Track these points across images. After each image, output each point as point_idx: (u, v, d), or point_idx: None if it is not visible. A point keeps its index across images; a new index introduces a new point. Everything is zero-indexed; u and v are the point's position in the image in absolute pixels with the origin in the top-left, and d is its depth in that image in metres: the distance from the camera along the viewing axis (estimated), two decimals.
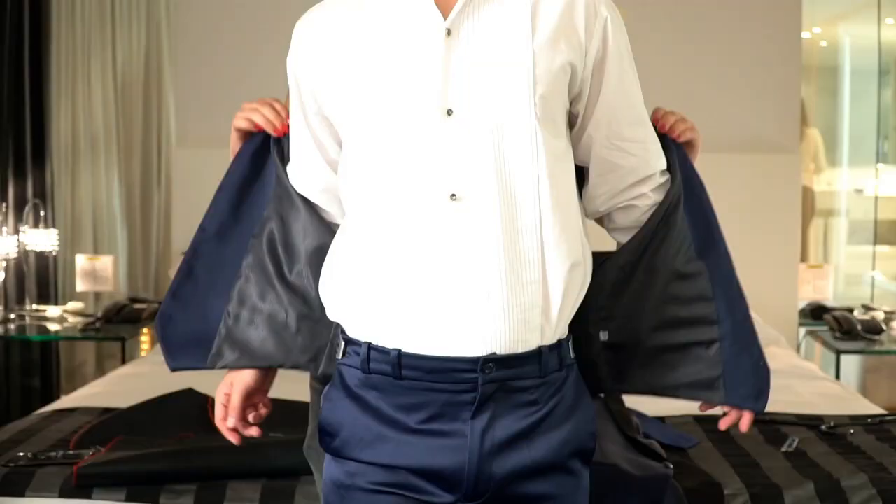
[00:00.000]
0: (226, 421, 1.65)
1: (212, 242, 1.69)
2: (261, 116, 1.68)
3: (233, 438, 1.66)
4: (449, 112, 1.42)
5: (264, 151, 1.69)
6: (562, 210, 1.47)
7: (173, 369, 1.68)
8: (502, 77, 1.43)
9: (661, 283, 1.61)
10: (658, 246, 1.61)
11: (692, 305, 1.61)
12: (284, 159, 1.66)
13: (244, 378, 1.65)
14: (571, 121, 1.56)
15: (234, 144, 1.73)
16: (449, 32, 1.43)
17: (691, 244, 1.62)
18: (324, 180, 1.61)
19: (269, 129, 1.67)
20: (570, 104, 1.53)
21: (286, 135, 1.65)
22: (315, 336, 1.62)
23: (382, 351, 1.44)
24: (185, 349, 1.68)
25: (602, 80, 1.52)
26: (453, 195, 1.41)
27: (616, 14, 1.53)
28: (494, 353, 1.42)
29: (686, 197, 1.62)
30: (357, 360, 1.47)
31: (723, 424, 1.66)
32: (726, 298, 1.62)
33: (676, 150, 1.64)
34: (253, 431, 1.65)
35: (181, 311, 1.68)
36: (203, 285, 1.68)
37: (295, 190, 1.64)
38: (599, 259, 1.59)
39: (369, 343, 1.46)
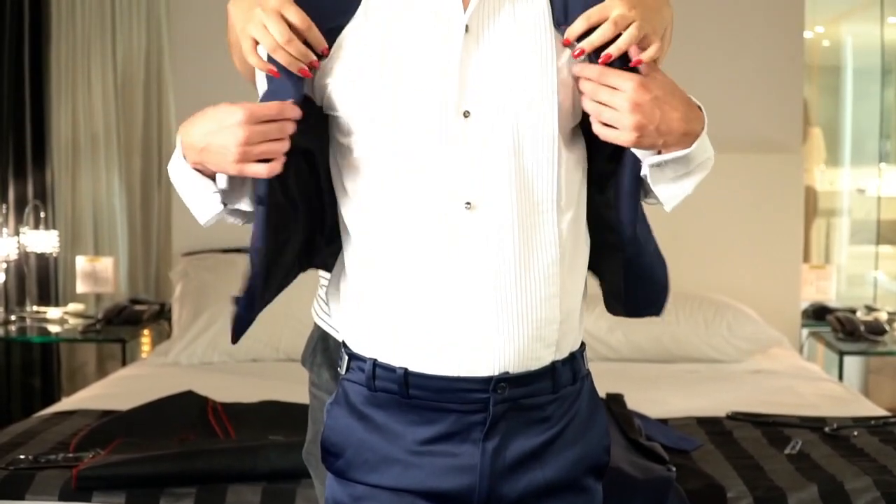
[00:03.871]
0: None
1: None
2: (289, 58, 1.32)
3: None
4: (466, 114, 1.32)
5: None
6: (580, 221, 1.42)
7: None
8: (523, 81, 1.33)
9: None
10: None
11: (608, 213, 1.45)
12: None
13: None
14: None
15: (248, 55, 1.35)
16: (467, 29, 1.32)
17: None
18: None
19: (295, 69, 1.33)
20: None
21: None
22: None
23: (388, 368, 1.37)
24: None
25: None
26: (468, 203, 1.32)
27: None
28: (507, 373, 1.35)
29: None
30: (362, 376, 1.40)
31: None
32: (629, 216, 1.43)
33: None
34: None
35: None
36: None
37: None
38: None
39: (375, 360, 1.38)
